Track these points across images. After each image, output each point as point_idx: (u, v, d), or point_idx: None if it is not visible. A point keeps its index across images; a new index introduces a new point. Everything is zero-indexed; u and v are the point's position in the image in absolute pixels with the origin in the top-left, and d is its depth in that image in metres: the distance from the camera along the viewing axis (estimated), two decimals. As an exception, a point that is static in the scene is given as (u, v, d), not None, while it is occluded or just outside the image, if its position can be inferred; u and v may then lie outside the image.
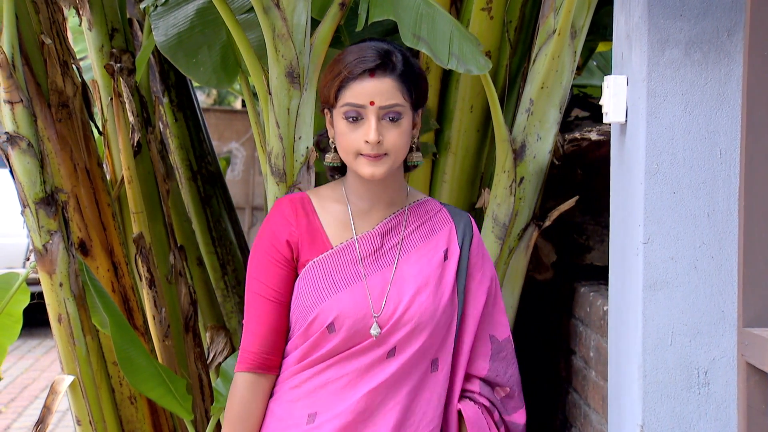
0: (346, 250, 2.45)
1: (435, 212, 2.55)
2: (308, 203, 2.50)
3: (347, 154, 2.40)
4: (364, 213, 2.49)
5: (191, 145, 4.57)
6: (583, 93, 4.78)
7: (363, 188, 2.48)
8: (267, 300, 2.45)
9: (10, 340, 3.61)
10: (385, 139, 2.37)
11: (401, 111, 2.38)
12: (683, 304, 2.48)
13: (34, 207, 3.33)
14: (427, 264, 2.46)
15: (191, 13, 3.63)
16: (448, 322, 2.47)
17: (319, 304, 2.40)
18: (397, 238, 2.48)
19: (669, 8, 2.44)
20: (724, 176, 2.47)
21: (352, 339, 2.40)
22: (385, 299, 2.42)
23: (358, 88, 2.37)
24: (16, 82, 3.26)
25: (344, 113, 2.38)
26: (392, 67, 2.39)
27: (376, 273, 2.44)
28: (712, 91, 2.46)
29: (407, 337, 2.41)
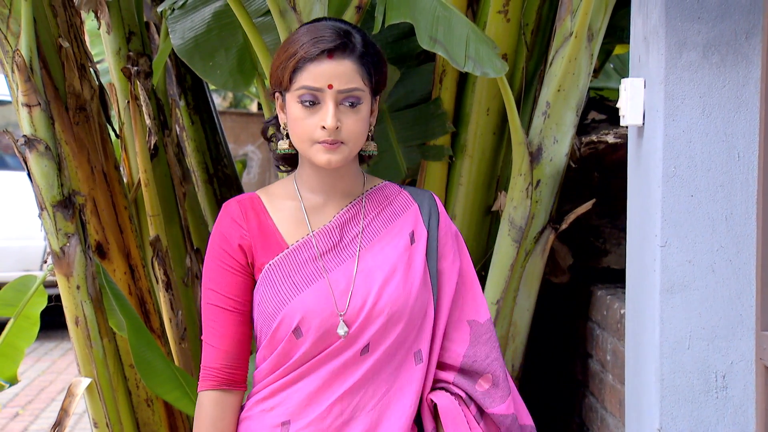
0: (303, 248, 2.26)
1: (395, 196, 2.36)
2: (258, 203, 2.31)
3: (301, 141, 2.21)
4: (319, 207, 2.30)
5: (207, 148, 4.57)
6: (600, 96, 4.77)
7: (317, 180, 2.29)
8: (224, 310, 2.26)
9: (27, 342, 3.61)
10: (343, 125, 2.19)
11: (361, 96, 2.20)
12: (701, 308, 2.47)
13: (52, 210, 3.33)
14: (393, 251, 2.28)
15: (208, 16, 3.64)
16: (424, 308, 2.28)
17: (282, 307, 2.22)
18: (357, 228, 2.29)
19: (687, 10, 2.43)
20: (742, 179, 2.46)
21: (322, 341, 2.21)
22: (350, 294, 2.23)
23: (315, 70, 2.17)
24: (33, 86, 3.27)
25: (299, 97, 2.19)
26: (352, 48, 2.20)
27: (338, 268, 2.25)
28: (730, 93, 2.45)
29: (381, 331, 2.22)
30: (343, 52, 2.18)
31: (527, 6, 3.64)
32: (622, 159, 3.05)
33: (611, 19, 3.53)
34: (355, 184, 2.33)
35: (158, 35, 4.33)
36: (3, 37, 3.26)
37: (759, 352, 2.34)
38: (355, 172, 2.32)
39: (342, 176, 2.29)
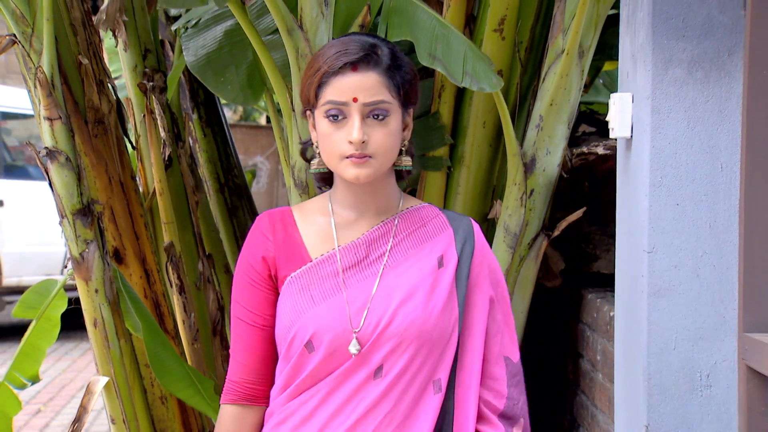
0: (326, 262, 2.11)
1: (431, 218, 2.18)
2: (289, 216, 2.17)
3: (331, 157, 2.06)
4: (350, 223, 2.14)
5: (219, 159, 4.57)
6: (590, 109, 4.77)
7: (349, 196, 2.13)
8: (248, 325, 2.14)
9: (48, 342, 3.61)
10: (371, 139, 2.03)
11: (388, 108, 2.04)
12: (686, 311, 2.47)
13: (72, 217, 3.33)
14: (417, 273, 2.10)
15: (219, 34, 3.64)
16: (446, 336, 2.09)
17: (297, 320, 2.07)
18: (384, 247, 2.12)
19: (672, 29, 2.43)
20: (725, 189, 2.46)
21: (333, 357, 2.05)
22: (365, 312, 2.06)
23: (339, 84, 2.03)
24: (55, 100, 3.27)
25: (325, 112, 2.05)
26: (377, 61, 2.05)
27: (358, 285, 2.09)
28: (713, 108, 2.45)
29: (393, 353, 2.05)
30: (367, 64, 2.04)
31: (521, 25, 3.64)
32: (612, 169, 3.05)
33: (601, 37, 3.53)
34: (390, 202, 2.17)
35: (172, 52, 4.33)
36: (26, 55, 3.26)
37: (741, 353, 2.34)
38: (390, 189, 2.16)
39: (375, 193, 2.13)
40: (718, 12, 2.44)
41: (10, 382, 3.55)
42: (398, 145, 2.09)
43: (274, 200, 14.11)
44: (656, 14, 2.44)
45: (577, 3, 3.34)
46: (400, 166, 2.14)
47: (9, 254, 10.58)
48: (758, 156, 2.30)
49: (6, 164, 11.05)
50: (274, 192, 14.19)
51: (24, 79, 3.36)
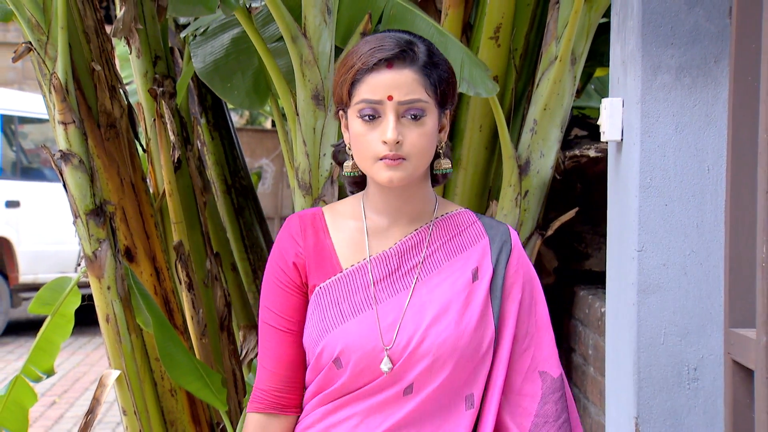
0: (357, 274, 1.92)
1: (467, 226, 1.97)
2: (320, 219, 1.97)
3: (364, 159, 1.87)
4: (382, 230, 1.94)
5: (226, 162, 4.57)
6: (582, 114, 4.76)
7: (382, 201, 1.93)
8: (278, 330, 1.94)
9: (63, 337, 3.61)
10: (406, 139, 1.84)
11: (424, 108, 1.85)
12: (674, 307, 2.47)
13: (85, 218, 3.33)
14: (450, 287, 1.90)
15: (226, 42, 3.64)
16: (479, 351, 1.89)
17: (325, 335, 1.89)
18: (417, 257, 1.92)
19: (661, 37, 2.43)
20: (711, 190, 2.46)
21: (361, 375, 1.88)
22: (397, 329, 1.87)
23: (373, 82, 1.85)
24: (69, 105, 3.27)
25: (359, 111, 1.86)
26: (413, 57, 1.86)
27: (389, 299, 1.90)
28: (700, 112, 2.45)
29: (426, 372, 1.86)
30: (403, 61, 1.85)
31: (516, 33, 3.64)
32: (603, 171, 3.04)
33: (592, 44, 3.53)
34: (425, 208, 1.96)
35: (181, 59, 4.33)
36: (41, 62, 3.26)
37: (727, 347, 2.33)
38: (425, 194, 1.95)
39: (409, 198, 1.93)
40: (704, 21, 2.44)
41: (26, 375, 3.55)
42: (434, 147, 1.90)
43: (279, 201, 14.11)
44: (645, 23, 2.44)
45: (569, 12, 3.34)
46: (438, 170, 1.94)
47: (25, 253, 10.59)
48: (743, 159, 2.30)
49: (22, 166, 11.05)
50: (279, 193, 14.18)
51: (39, 85, 3.36)
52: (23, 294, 10.65)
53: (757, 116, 2.00)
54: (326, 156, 3.14)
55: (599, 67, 4.42)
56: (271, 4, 3.09)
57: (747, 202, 2.28)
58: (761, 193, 1.96)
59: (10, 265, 10.54)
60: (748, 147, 2.28)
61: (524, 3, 3.63)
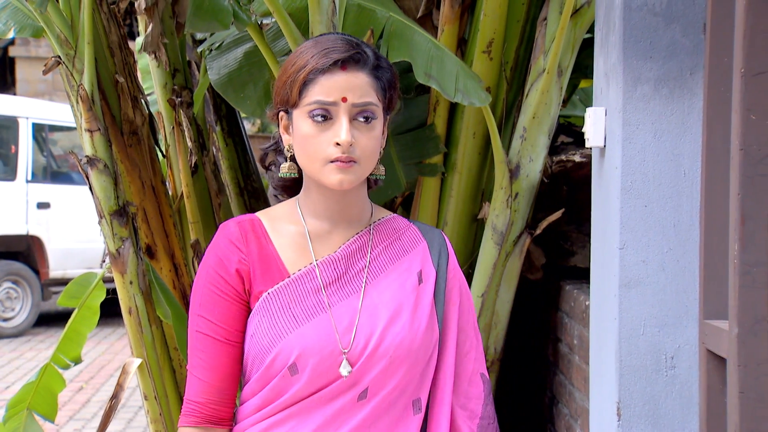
0: (305, 278, 1.75)
1: (403, 230, 1.85)
2: (259, 225, 1.79)
3: (312, 161, 1.70)
4: (324, 234, 1.78)
5: (239, 166, 4.56)
6: (568, 122, 4.76)
7: (323, 205, 1.77)
8: (215, 340, 1.74)
9: (89, 328, 3.61)
10: (357, 142, 1.69)
11: (375, 111, 1.71)
12: (653, 300, 2.46)
13: (109, 218, 3.33)
14: (399, 289, 1.77)
15: (239, 55, 3.64)
16: (428, 353, 1.77)
17: (278, 341, 1.70)
18: (363, 261, 1.78)
19: (641, 51, 2.42)
20: (687, 193, 2.45)
21: (318, 380, 1.70)
22: (354, 331, 1.72)
23: (327, 83, 1.68)
24: (94, 114, 3.27)
25: (310, 112, 1.69)
26: (365, 60, 1.71)
27: (341, 302, 1.74)
28: (677, 120, 2.45)
29: (382, 375, 1.72)
30: (356, 63, 1.71)
31: (507, 47, 3.64)
32: (587, 175, 3.04)
33: (577, 57, 3.52)
34: (363, 213, 1.83)
35: (198, 72, 4.33)
36: (69, 74, 3.26)
37: (702, 338, 2.33)
38: (363, 198, 1.83)
39: (350, 202, 1.79)
40: (681, 36, 2.44)
41: (55, 363, 3.55)
42: (379, 152, 1.77)
43: (289, 202, 14.11)
44: (627, 37, 2.44)
45: (556, 28, 3.34)
46: (376, 175, 1.81)
47: (54, 250, 10.60)
48: (717, 163, 2.29)
49: (52, 171, 11.06)
50: (289, 195, 14.19)
51: (68, 96, 3.36)
52: (53, 288, 10.67)
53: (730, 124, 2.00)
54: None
55: (584, 78, 4.41)
56: (280, 20, 3.09)
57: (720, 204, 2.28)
58: (733, 195, 1.96)
59: (41, 262, 10.56)
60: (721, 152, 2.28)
61: (514, 19, 3.62)
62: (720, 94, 2.28)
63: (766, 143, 1.89)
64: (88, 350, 9.12)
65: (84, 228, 10.31)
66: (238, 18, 3.18)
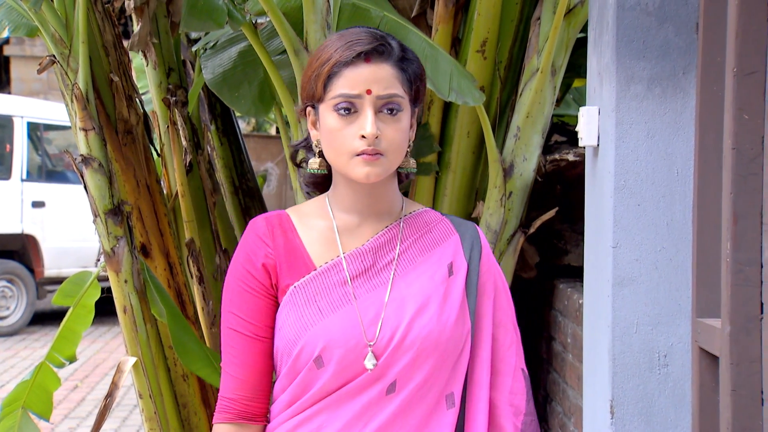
0: (331, 271, 1.74)
1: (435, 223, 1.83)
2: (287, 220, 1.78)
3: (338, 155, 1.69)
4: (353, 228, 1.77)
5: (234, 165, 4.56)
6: (562, 121, 4.76)
7: (352, 198, 1.76)
8: (247, 337, 1.74)
9: (84, 327, 3.61)
10: (383, 134, 1.67)
11: (401, 103, 1.69)
12: (646, 299, 2.47)
13: (104, 216, 3.33)
14: (429, 281, 1.75)
15: (234, 55, 3.64)
16: (458, 347, 1.74)
17: (304, 334, 1.70)
18: (392, 253, 1.76)
19: (634, 51, 2.43)
20: (680, 191, 2.46)
21: (344, 373, 1.69)
22: (380, 324, 1.70)
23: (351, 75, 1.67)
24: (89, 113, 3.27)
25: (335, 106, 1.68)
26: (390, 52, 1.70)
27: (368, 294, 1.73)
28: (670, 120, 2.45)
29: (409, 367, 1.70)
30: (380, 55, 1.68)
31: (501, 46, 3.64)
32: (581, 174, 3.04)
33: (571, 57, 3.53)
34: (393, 206, 1.80)
35: (193, 71, 4.32)
36: (64, 73, 3.26)
37: (695, 336, 2.33)
38: (393, 192, 1.80)
39: (379, 195, 1.77)
40: (674, 35, 2.44)
41: (50, 361, 3.55)
42: (407, 144, 1.74)
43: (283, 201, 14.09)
44: (620, 37, 2.44)
45: (550, 27, 3.34)
46: (405, 168, 1.79)
47: (50, 249, 10.59)
48: (709, 162, 2.30)
49: (47, 170, 11.04)
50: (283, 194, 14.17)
51: (62, 95, 3.35)
52: (48, 287, 10.66)
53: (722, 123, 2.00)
54: (326, 160, 3.14)
55: (577, 78, 4.41)
56: (275, 19, 3.09)
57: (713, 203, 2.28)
58: (726, 194, 1.96)
59: (36, 260, 10.55)
60: (713, 152, 2.28)
61: (508, 19, 3.63)
62: (713, 94, 2.28)
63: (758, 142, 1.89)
64: (83, 349, 9.11)
65: (79, 227, 10.30)
66: (232, 17, 3.18)
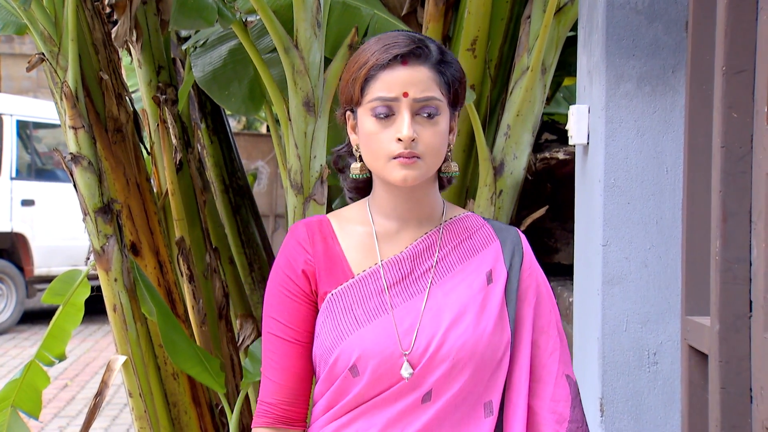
0: (369, 279, 1.72)
1: (476, 229, 1.79)
2: (327, 226, 1.77)
3: (376, 159, 1.68)
4: (392, 234, 1.75)
5: (224, 163, 4.56)
6: (552, 120, 4.77)
7: (391, 203, 1.74)
8: (285, 341, 1.74)
9: (73, 325, 3.59)
10: (420, 138, 1.65)
11: (439, 107, 1.67)
12: (636, 297, 2.47)
13: (94, 215, 3.32)
14: (466, 290, 1.72)
15: (224, 53, 3.63)
16: (497, 356, 1.71)
17: (339, 342, 1.69)
18: (430, 261, 1.74)
19: (624, 49, 2.43)
20: (670, 190, 2.46)
21: (379, 382, 1.68)
22: (416, 333, 1.68)
23: (388, 78, 1.65)
24: (78, 111, 3.26)
25: (372, 109, 1.66)
26: (427, 54, 1.67)
27: (404, 303, 1.71)
28: (659, 118, 2.45)
29: (445, 377, 1.67)
30: (417, 57, 1.67)
31: (491, 45, 3.64)
32: (571, 172, 3.05)
33: (561, 55, 3.53)
34: (434, 211, 1.77)
35: (183, 69, 4.31)
36: (53, 71, 3.24)
37: (684, 334, 2.34)
38: (434, 197, 1.77)
39: (419, 200, 1.74)
40: (663, 34, 2.44)
41: (39, 360, 3.53)
42: (446, 148, 1.71)
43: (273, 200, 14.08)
44: (609, 36, 2.44)
45: (540, 26, 3.35)
46: (446, 173, 1.75)
47: (39, 247, 10.56)
48: (698, 161, 2.30)
49: (37, 168, 11.01)
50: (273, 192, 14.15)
51: (52, 93, 3.34)
52: (37, 285, 10.63)
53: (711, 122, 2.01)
54: (316, 158, 3.13)
55: (567, 76, 4.42)
56: (265, 18, 3.08)
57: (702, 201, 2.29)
58: (715, 192, 1.96)
59: (26, 259, 10.52)
60: (703, 150, 2.29)
61: (498, 17, 3.63)
62: (702, 92, 2.29)
63: (747, 141, 1.90)
64: (73, 347, 9.09)
65: (69, 225, 10.27)
66: (222, 15, 3.17)
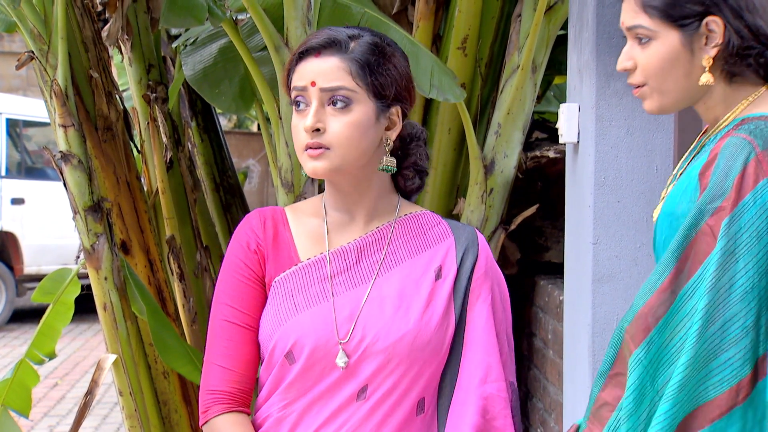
0: (314, 266, 1.70)
1: (431, 226, 1.76)
2: (281, 215, 1.76)
3: (297, 149, 1.68)
4: (343, 226, 1.74)
5: (215, 162, 4.55)
6: (542, 118, 4.77)
7: (336, 196, 1.73)
8: (239, 327, 1.71)
9: (63, 324, 3.58)
10: (328, 128, 1.64)
11: (350, 96, 1.64)
12: (626, 295, 2.47)
13: (84, 213, 3.31)
14: (413, 283, 1.69)
15: (215, 51, 3.63)
16: (438, 354, 1.68)
17: (278, 329, 1.67)
18: (379, 254, 1.71)
19: (614, 47, 2.43)
20: (660, 188, 2.46)
21: (314, 370, 1.65)
22: (354, 322, 1.66)
23: (301, 69, 1.67)
24: (68, 110, 3.25)
25: (292, 99, 1.69)
26: (344, 48, 1.66)
27: (347, 292, 1.69)
28: (649, 117, 2.46)
29: (379, 370, 1.65)
30: (331, 49, 1.66)
31: (482, 43, 3.64)
32: (561, 171, 3.05)
33: (551, 54, 3.53)
34: (383, 207, 1.75)
35: (173, 67, 4.31)
36: (43, 69, 3.24)
37: (674, 332, 2.34)
38: (380, 191, 1.74)
39: (362, 193, 1.72)
40: (653, 32, 2.44)
41: (29, 358, 3.52)
42: (367, 140, 1.66)
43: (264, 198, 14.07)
44: (599, 34, 2.44)
45: (530, 24, 3.35)
46: (381, 166, 1.71)
47: (29, 246, 10.53)
48: (689, 159, 2.31)
49: (26, 166, 10.98)
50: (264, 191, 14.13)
51: (41, 91, 3.33)
52: (27, 284, 10.60)
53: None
54: (307, 156, 3.13)
55: (558, 75, 4.42)
56: (255, 16, 3.08)
57: (692, 199, 2.30)
58: (705, 190, 1.96)
59: (16, 258, 10.49)
60: (693, 148, 2.29)
61: (489, 16, 3.63)
62: (692, 91, 2.29)
63: (737, 139, 1.90)
64: (64, 346, 9.07)
65: (59, 224, 10.23)
66: (212, 13, 3.16)
